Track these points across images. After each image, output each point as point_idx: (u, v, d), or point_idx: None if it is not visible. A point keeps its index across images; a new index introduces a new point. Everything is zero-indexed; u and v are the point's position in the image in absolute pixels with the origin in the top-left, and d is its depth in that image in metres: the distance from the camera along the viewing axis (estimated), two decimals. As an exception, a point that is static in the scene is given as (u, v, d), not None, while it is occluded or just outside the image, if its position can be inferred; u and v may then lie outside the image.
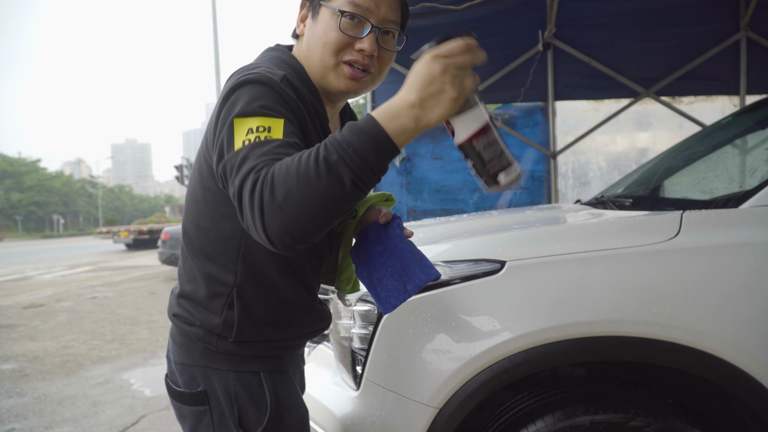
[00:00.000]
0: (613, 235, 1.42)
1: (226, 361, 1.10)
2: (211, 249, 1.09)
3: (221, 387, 1.09)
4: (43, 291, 10.72)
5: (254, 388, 1.10)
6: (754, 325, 1.30)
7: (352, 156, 0.83)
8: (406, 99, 0.87)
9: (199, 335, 1.10)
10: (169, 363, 1.17)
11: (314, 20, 1.11)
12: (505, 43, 4.77)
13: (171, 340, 1.17)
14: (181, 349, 1.13)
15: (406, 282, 1.11)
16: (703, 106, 4.86)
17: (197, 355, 1.10)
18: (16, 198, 68.35)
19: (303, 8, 1.15)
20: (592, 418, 1.32)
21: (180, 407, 1.14)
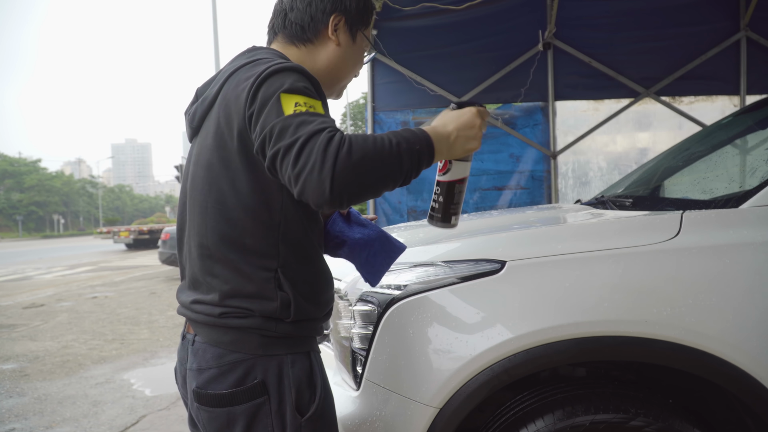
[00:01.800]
0: (613, 235, 1.42)
1: (284, 344, 1.14)
2: (250, 239, 1.11)
3: (280, 372, 1.12)
4: (43, 291, 10.72)
5: (307, 369, 1.16)
6: (754, 325, 1.30)
7: (415, 151, 1.04)
8: (446, 130, 1.11)
9: (257, 324, 1.12)
10: (200, 373, 1.13)
11: (354, 42, 1.25)
12: (505, 43, 4.77)
13: (204, 346, 1.14)
14: (231, 347, 1.12)
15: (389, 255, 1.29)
16: (703, 106, 4.86)
17: (254, 346, 1.12)
18: (17, 198, 68.34)
19: (337, 18, 1.22)
20: (592, 418, 1.32)
21: (229, 411, 1.11)
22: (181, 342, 1.24)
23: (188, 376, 1.17)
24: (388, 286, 1.46)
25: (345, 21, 1.22)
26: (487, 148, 4.90)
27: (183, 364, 1.21)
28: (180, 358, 1.24)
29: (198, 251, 1.16)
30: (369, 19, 1.28)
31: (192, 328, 1.19)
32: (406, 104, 4.89)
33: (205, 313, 1.14)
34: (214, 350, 1.12)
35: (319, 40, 1.22)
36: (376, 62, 4.83)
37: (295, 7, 1.22)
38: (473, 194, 4.90)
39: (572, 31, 4.73)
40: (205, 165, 1.14)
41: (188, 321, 1.21)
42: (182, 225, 1.24)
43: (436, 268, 1.45)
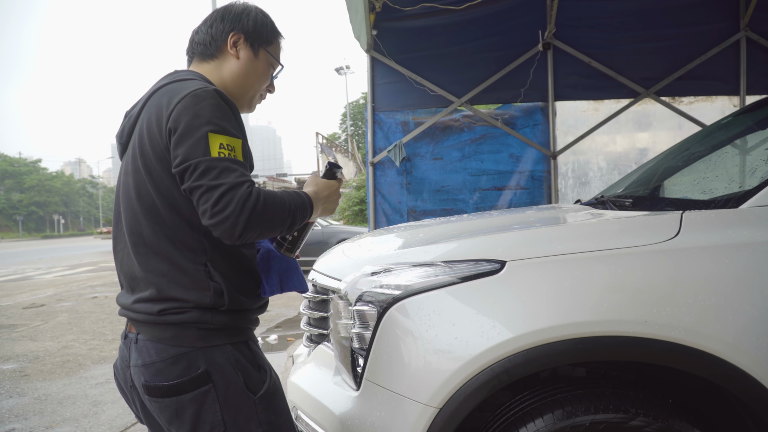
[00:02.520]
0: (613, 235, 1.42)
1: (223, 335, 1.26)
2: (179, 235, 1.25)
3: (223, 361, 1.24)
4: (43, 291, 10.72)
5: (248, 354, 1.30)
6: (754, 325, 1.30)
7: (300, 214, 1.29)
8: (320, 197, 1.39)
9: (194, 318, 1.23)
10: (146, 368, 1.23)
11: (256, 57, 1.41)
12: (505, 43, 4.77)
13: (147, 343, 1.24)
14: (172, 341, 1.23)
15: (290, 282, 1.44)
16: (703, 106, 4.86)
17: (193, 339, 1.23)
18: (17, 198, 68.33)
19: (236, 36, 1.39)
20: (592, 418, 1.32)
21: (178, 400, 1.21)
22: (123, 341, 1.33)
23: (134, 372, 1.27)
24: (388, 286, 1.46)
25: (244, 38, 1.40)
26: (487, 148, 4.90)
27: (125, 362, 1.31)
28: (122, 357, 1.33)
29: (135, 250, 1.27)
30: (270, 38, 1.44)
31: (134, 327, 1.29)
32: (406, 104, 4.89)
33: (146, 312, 1.25)
34: (157, 346, 1.23)
35: (222, 56, 1.40)
36: (376, 62, 4.83)
37: (200, 30, 1.42)
38: (473, 194, 4.90)
39: (572, 31, 4.73)
40: (132, 173, 1.27)
41: (130, 321, 1.31)
42: (117, 233, 1.35)
43: (436, 268, 1.45)
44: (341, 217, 19.42)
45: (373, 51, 4.76)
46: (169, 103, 1.22)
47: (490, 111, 5.10)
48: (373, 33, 4.63)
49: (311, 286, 1.90)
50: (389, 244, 1.90)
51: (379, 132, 4.90)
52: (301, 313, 1.99)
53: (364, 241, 2.06)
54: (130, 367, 1.27)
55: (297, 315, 6.71)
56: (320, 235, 11.12)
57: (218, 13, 1.42)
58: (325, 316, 1.81)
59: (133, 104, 1.38)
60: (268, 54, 1.44)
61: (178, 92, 1.23)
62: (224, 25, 1.39)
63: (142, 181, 1.25)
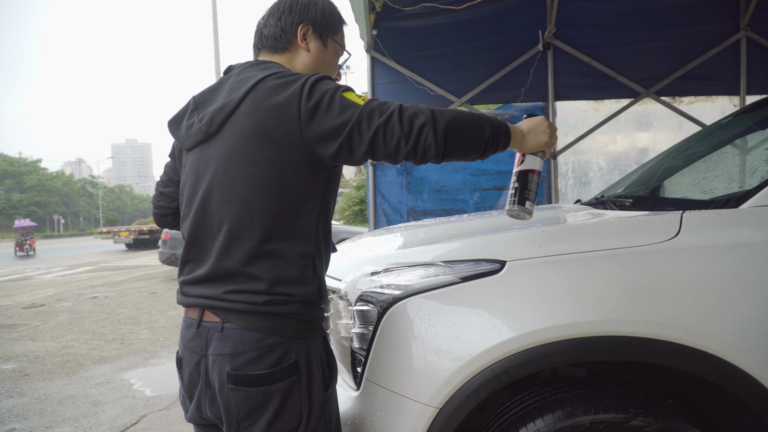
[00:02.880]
0: (613, 235, 1.42)
1: (313, 329, 1.28)
2: (293, 228, 1.24)
3: (312, 354, 1.27)
4: (43, 291, 10.72)
5: (327, 349, 1.34)
6: (754, 325, 1.30)
7: (497, 127, 1.29)
8: (520, 127, 1.37)
9: (296, 310, 1.24)
10: (235, 357, 1.21)
11: (325, 48, 1.42)
12: (505, 43, 4.77)
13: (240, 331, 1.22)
14: (271, 331, 1.22)
15: None
16: (703, 106, 4.86)
17: (291, 330, 1.24)
18: (17, 198, 68.30)
19: (305, 28, 1.39)
20: (592, 418, 1.32)
21: (267, 390, 1.21)
22: (195, 330, 1.27)
23: (214, 361, 1.23)
24: (388, 286, 1.46)
25: (313, 30, 1.40)
26: (487, 148, 4.90)
27: (197, 351, 1.27)
28: (191, 347, 1.28)
29: (239, 245, 1.23)
30: (337, 27, 1.44)
31: (219, 316, 1.24)
32: (406, 104, 4.88)
33: (247, 301, 1.22)
34: (253, 335, 1.21)
35: (292, 49, 1.40)
36: (376, 62, 4.83)
37: (268, 23, 1.40)
38: (473, 194, 4.90)
39: (572, 31, 4.73)
40: (244, 164, 1.23)
41: (212, 310, 1.26)
42: (202, 223, 1.29)
43: (436, 268, 1.45)
44: (341, 217, 19.41)
45: (373, 51, 4.76)
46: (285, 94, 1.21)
47: (490, 111, 5.10)
48: (373, 33, 4.62)
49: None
50: (389, 244, 1.90)
51: (379, 132, 4.90)
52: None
53: (364, 241, 2.06)
54: (208, 356, 1.24)
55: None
56: (320, 235, 11.08)
57: (285, 4, 1.40)
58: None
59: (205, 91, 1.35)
60: (336, 43, 1.44)
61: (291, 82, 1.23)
62: (293, 17, 1.38)
63: (263, 173, 1.22)
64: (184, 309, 1.34)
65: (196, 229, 1.30)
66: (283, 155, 1.21)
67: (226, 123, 1.26)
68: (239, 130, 1.24)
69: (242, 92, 1.25)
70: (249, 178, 1.22)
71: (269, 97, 1.22)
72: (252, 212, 1.22)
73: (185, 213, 1.34)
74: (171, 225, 1.53)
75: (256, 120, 1.22)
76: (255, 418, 1.22)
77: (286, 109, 1.20)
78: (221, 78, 1.37)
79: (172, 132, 1.39)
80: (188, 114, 1.34)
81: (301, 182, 1.23)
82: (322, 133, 1.19)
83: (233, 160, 1.24)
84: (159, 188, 1.51)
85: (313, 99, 1.19)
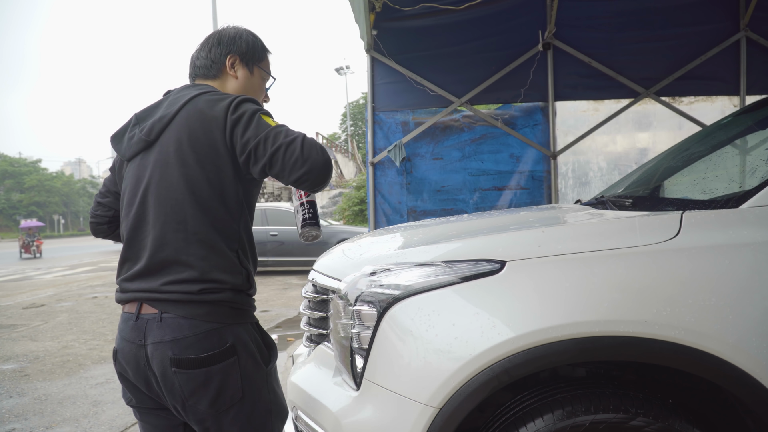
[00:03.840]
0: (613, 235, 1.42)
1: (245, 315, 1.45)
2: (221, 224, 1.41)
3: (245, 336, 1.42)
4: (43, 291, 10.72)
5: (260, 331, 1.52)
6: (754, 325, 1.30)
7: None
8: None
9: (228, 298, 1.40)
10: (174, 344, 1.35)
11: (251, 74, 1.62)
12: (505, 43, 4.77)
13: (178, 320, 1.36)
14: (207, 317, 1.37)
15: None
16: (703, 106, 4.86)
17: (225, 316, 1.39)
18: (17, 198, 68.27)
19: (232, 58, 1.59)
20: (592, 418, 1.32)
21: (207, 371, 1.35)
22: (134, 323, 1.40)
23: (155, 349, 1.36)
24: (388, 286, 1.46)
25: (240, 59, 1.59)
26: (487, 149, 4.90)
27: (135, 342, 1.40)
28: (130, 339, 1.41)
29: (174, 236, 1.39)
30: (261, 56, 1.64)
31: (157, 307, 1.38)
32: (405, 104, 4.89)
33: (183, 291, 1.37)
34: (190, 322, 1.35)
35: (223, 76, 1.59)
36: (376, 62, 4.83)
37: (200, 56, 1.60)
38: (473, 194, 4.90)
39: (572, 31, 4.73)
40: (178, 166, 1.40)
41: (149, 302, 1.39)
42: (141, 220, 1.44)
43: (436, 268, 1.45)
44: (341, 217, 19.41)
45: (373, 51, 4.76)
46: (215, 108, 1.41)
47: (490, 111, 5.10)
48: (373, 33, 4.62)
49: (311, 286, 1.90)
50: (389, 244, 1.90)
51: (379, 132, 4.90)
52: (301, 313, 1.99)
53: (364, 241, 2.06)
54: (147, 345, 1.37)
55: (297, 315, 6.71)
56: (320, 235, 11.10)
57: (214, 38, 1.60)
58: (325, 316, 1.81)
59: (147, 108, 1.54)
60: (261, 70, 1.64)
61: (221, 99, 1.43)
62: (221, 49, 1.59)
63: (193, 174, 1.39)
64: (122, 306, 1.47)
65: (135, 227, 1.45)
66: (212, 158, 1.40)
67: (164, 132, 1.44)
68: (175, 137, 1.42)
69: (178, 105, 1.44)
70: (182, 177, 1.39)
71: (202, 110, 1.42)
72: (185, 207, 1.39)
73: (125, 214, 1.49)
74: (105, 234, 1.69)
75: (189, 128, 1.41)
76: (198, 396, 1.36)
77: (216, 120, 1.40)
78: (161, 99, 1.55)
79: (114, 146, 1.56)
80: (130, 128, 1.53)
81: (226, 182, 1.41)
82: (239, 144, 1.39)
83: (169, 163, 1.41)
84: (97, 199, 1.67)
85: (236, 114, 1.39)
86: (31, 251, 23.81)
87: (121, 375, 1.47)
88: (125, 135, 1.53)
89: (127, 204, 1.48)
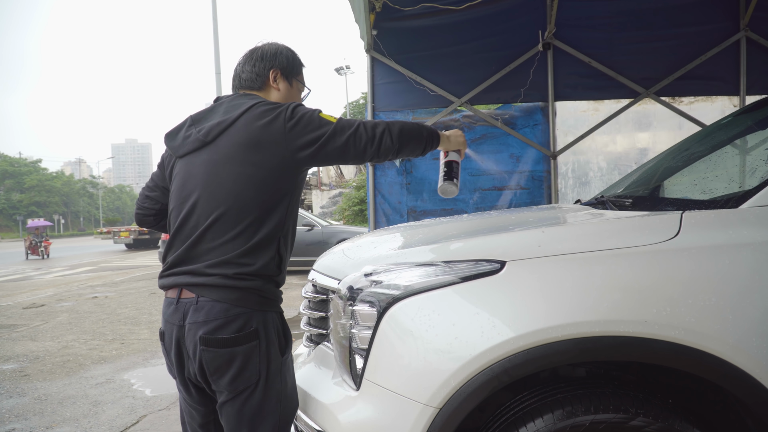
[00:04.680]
0: (613, 235, 1.42)
1: (272, 304, 1.57)
2: (268, 214, 1.55)
3: (270, 324, 1.55)
4: (43, 291, 10.72)
5: (282, 321, 1.62)
6: (754, 325, 1.30)
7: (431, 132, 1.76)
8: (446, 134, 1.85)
9: (257, 286, 1.52)
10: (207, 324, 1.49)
11: (291, 86, 1.79)
12: (505, 43, 4.77)
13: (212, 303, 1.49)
14: (237, 302, 1.50)
15: None
16: (703, 106, 4.86)
17: (253, 303, 1.52)
18: (17, 198, 68.28)
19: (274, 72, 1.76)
20: (592, 418, 1.32)
21: (232, 351, 1.49)
22: (174, 306, 1.54)
23: (189, 328, 1.51)
24: (388, 286, 1.46)
25: (281, 73, 1.76)
26: (487, 148, 4.90)
27: (176, 323, 1.54)
28: (171, 321, 1.55)
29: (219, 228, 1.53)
30: (299, 70, 1.82)
31: (194, 292, 1.52)
32: (406, 104, 4.89)
33: (220, 274, 1.50)
34: (222, 305, 1.49)
35: (266, 88, 1.76)
36: (376, 62, 4.83)
37: (245, 70, 1.75)
38: (473, 194, 4.90)
39: (572, 31, 4.73)
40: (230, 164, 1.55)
41: (188, 287, 1.53)
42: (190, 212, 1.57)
43: (436, 268, 1.45)
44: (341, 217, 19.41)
45: (373, 51, 4.76)
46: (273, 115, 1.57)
47: (490, 111, 5.10)
48: (373, 33, 4.62)
49: (311, 286, 1.90)
50: (389, 244, 1.90)
51: (379, 132, 4.90)
52: (301, 313, 1.99)
53: (364, 241, 2.06)
54: (185, 325, 1.52)
55: (297, 315, 6.71)
56: (320, 235, 11.12)
57: (257, 54, 1.77)
58: (325, 316, 1.81)
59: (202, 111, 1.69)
60: (298, 82, 1.82)
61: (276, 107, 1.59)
62: (264, 64, 1.75)
63: (246, 172, 1.54)
64: (165, 292, 1.60)
65: (185, 218, 1.58)
66: (267, 159, 1.54)
67: (221, 135, 1.58)
68: (233, 140, 1.56)
69: (238, 112, 1.59)
70: (238, 175, 1.54)
71: (260, 117, 1.56)
72: (237, 201, 1.53)
73: (175, 205, 1.62)
74: (152, 225, 1.82)
75: (249, 132, 1.55)
76: (221, 373, 1.50)
77: (273, 125, 1.55)
78: (213, 104, 1.70)
79: (167, 142, 1.70)
80: (186, 128, 1.66)
81: (277, 180, 1.55)
82: (305, 142, 1.55)
83: (224, 162, 1.55)
84: (145, 192, 1.81)
85: (294, 118, 1.55)
86: (39, 252, 22.27)
87: (167, 352, 1.62)
88: (179, 134, 1.66)
89: (177, 196, 1.62)
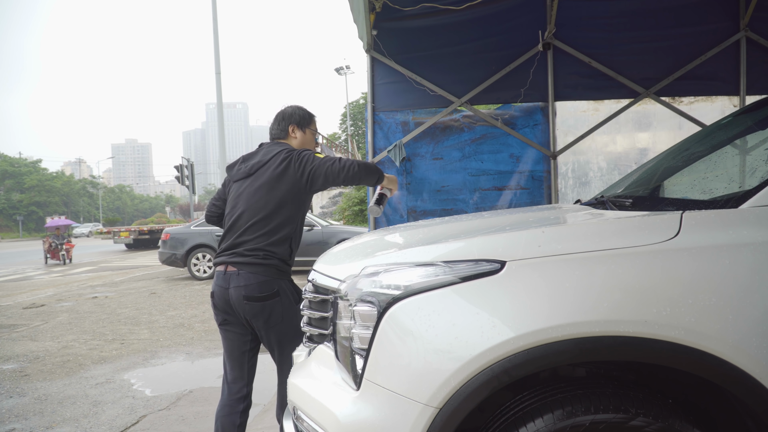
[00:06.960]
0: (613, 235, 1.42)
1: (286, 275, 2.44)
2: (286, 221, 2.41)
3: (285, 287, 2.41)
4: (43, 291, 10.72)
5: (293, 285, 2.48)
6: (755, 325, 1.30)
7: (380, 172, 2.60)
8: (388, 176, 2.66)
9: (275, 264, 2.38)
10: (246, 288, 2.33)
11: (305, 134, 2.66)
12: (505, 43, 4.77)
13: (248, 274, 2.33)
14: (265, 273, 2.35)
15: None
16: (703, 106, 4.86)
17: (273, 273, 2.37)
18: (17, 198, 68.24)
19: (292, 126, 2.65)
20: (592, 418, 1.32)
21: (264, 304, 2.34)
22: (223, 275, 2.38)
23: (234, 291, 2.35)
24: (388, 286, 1.46)
25: (297, 126, 2.65)
26: (487, 148, 4.90)
27: (222, 287, 2.38)
28: (221, 285, 2.39)
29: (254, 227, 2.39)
30: (310, 121, 2.68)
31: (236, 267, 2.35)
32: (405, 104, 4.89)
33: (254, 254, 2.35)
34: (255, 276, 2.34)
35: (289, 137, 2.64)
36: (376, 62, 4.83)
37: (274, 127, 2.67)
38: (473, 194, 4.90)
39: (572, 31, 4.73)
40: (266, 187, 2.42)
41: (233, 264, 2.37)
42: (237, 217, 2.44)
43: (436, 268, 1.45)
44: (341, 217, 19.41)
45: (373, 51, 4.76)
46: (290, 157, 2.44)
47: (490, 111, 5.09)
48: (373, 33, 4.62)
49: (311, 286, 1.90)
50: (389, 244, 1.90)
51: (379, 132, 4.90)
52: (301, 313, 1.99)
53: (364, 241, 2.06)
54: (230, 288, 2.35)
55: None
56: (320, 235, 11.12)
57: (280, 116, 2.66)
58: (325, 316, 1.81)
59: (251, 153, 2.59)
60: (311, 130, 2.69)
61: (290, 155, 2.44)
62: (285, 122, 2.64)
63: (278, 191, 2.40)
64: (216, 267, 2.44)
65: (234, 221, 2.45)
66: (288, 187, 2.41)
67: (260, 170, 2.47)
68: (267, 174, 2.44)
69: (269, 157, 2.47)
70: (269, 195, 2.41)
71: (282, 161, 2.43)
72: (267, 213, 2.40)
73: (228, 211, 2.53)
74: (215, 223, 2.72)
75: (275, 168, 2.43)
76: (257, 318, 2.36)
77: (290, 167, 2.43)
78: (258, 148, 2.59)
79: (227, 171, 2.64)
80: (239, 164, 2.58)
81: (294, 199, 2.43)
82: (305, 173, 2.41)
83: (260, 188, 2.43)
84: (213, 201, 2.71)
85: (301, 160, 2.42)
86: (60, 256, 18.44)
87: (215, 306, 2.45)
88: (235, 167, 2.58)
89: (231, 206, 2.50)
